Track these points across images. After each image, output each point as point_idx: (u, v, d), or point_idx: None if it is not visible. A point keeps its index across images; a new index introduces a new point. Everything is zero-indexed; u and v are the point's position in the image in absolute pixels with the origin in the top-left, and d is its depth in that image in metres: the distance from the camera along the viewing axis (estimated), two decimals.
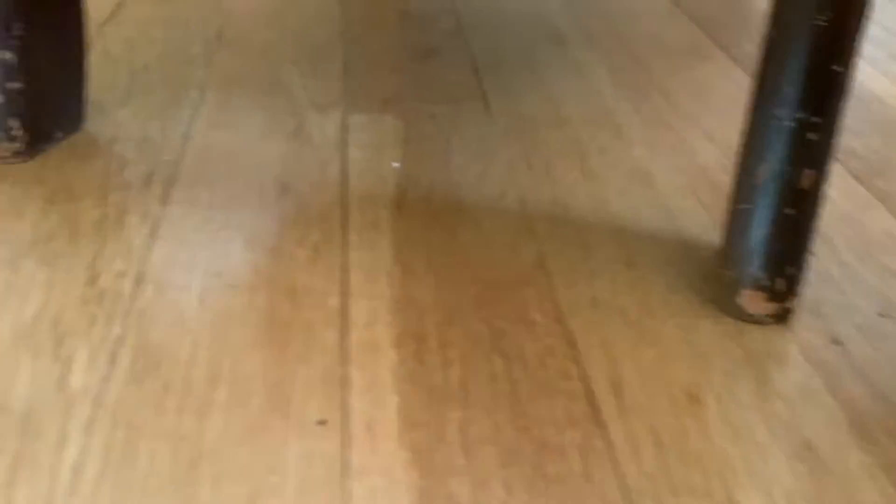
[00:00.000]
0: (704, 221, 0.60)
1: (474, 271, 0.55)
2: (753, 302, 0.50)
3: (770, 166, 0.47)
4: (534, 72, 0.83)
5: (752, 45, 0.90)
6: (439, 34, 0.92)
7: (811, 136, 0.46)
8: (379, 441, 0.42)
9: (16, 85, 0.63)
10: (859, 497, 0.40)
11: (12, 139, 0.64)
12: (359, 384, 0.46)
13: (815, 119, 0.46)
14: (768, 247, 0.48)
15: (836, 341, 0.49)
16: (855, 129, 0.72)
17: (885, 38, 0.92)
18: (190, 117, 0.74)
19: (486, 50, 0.88)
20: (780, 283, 0.49)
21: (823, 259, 0.56)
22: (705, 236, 0.59)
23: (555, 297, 0.52)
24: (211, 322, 0.50)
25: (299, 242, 0.57)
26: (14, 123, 0.64)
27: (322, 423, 0.43)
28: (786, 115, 0.46)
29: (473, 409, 0.44)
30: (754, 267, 0.49)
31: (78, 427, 0.43)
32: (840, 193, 0.64)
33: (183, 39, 0.90)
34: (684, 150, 0.69)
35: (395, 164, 0.67)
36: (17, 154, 0.65)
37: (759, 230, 0.48)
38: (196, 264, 0.55)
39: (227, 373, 0.46)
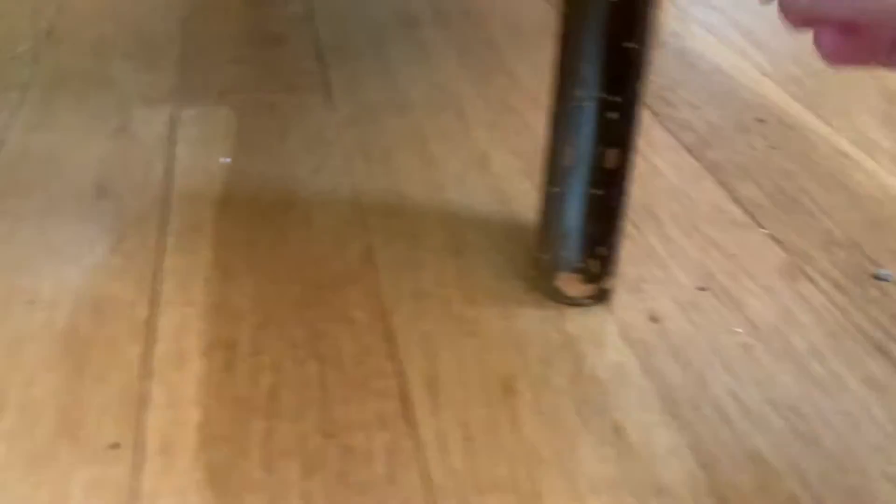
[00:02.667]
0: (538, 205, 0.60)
1: (298, 271, 0.53)
2: (570, 284, 0.49)
3: (574, 149, 0.47)
4: (381, 57, 0.81)
5: None
6: (287, 21, 0.89)
7: (611, 115, 0.46)
8: (175, 461, 0.40)
9: None
10: (665, 478, 0.40)
11: None
12: (158, 401, 0.43)
13: (614, 98, 0.45)
14: (579, 229, 0.48)
15: (654, 318, 0.49)
16: (693, 102, 0.73)
17: (728, 6, 0.93)
18: (7, 120, 0.69)
19: (335, 35, 0.86)
20: (594, 265, 0.48)
21: (648, 234, 0.57)
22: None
23: (379, 292, 0.51)
24: (2, 343, 0.46)
25: (112, 249, 0.54)
26: None
27: (114, 446, 0.41)
28: (585, 96, 0.46)
29: (280, 419, 0.42)
30: (568, 250, 0.49)
31: None
32: (671, 166, 0.64)
33: (8, 35, 0.84)
34: (526, 133, 0.69)
35: (225, 160, 0.64)
36: None
37: (569, 213, 0.48)
38: None
39: (15, 397, 0.43)
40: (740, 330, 0.48)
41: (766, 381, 0.45)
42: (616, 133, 0.46)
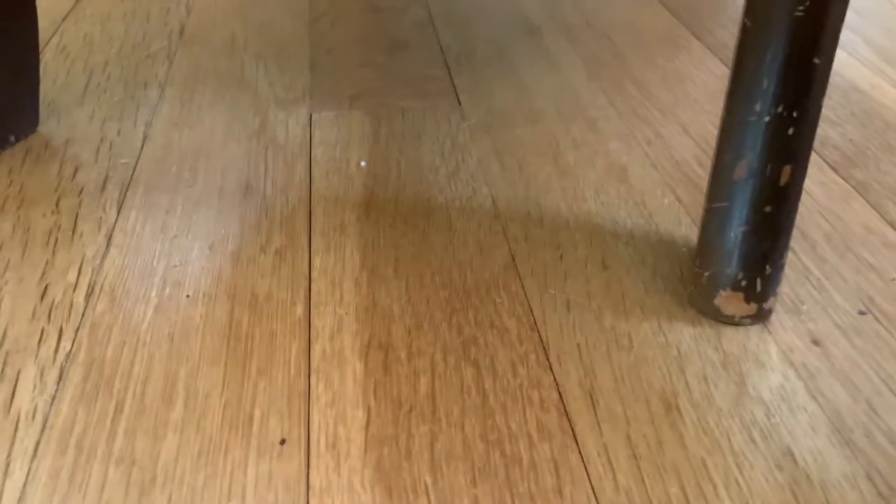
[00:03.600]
0: (681, 219, 0.59)
1: (445, 275, 0.53)
2: (731, 303, 0.48)
3: (748, 163, 0.46)
4: (506, 64, 0.81)
5: (726, 33, 0.88)
6: (409, 26, 0.90)
7: (790, 131, 0.45)
8: (342, 459, 0.40)
9: None
10: None
11: None
12: (321, 399, 0.44)
13: (793, 114, 0.44)
14: (746, 246, 0.47)
15: (816, 341, 0.48)
16: (833, 119, 0.71)
17: (860, 24, 0.90)
18: (149, 117, 0.71)
19: (458, 42, 0.86)
20: (759, 284, 0.47)
21: (802, 255, 0.55)
22: (682, 234, 0.57)
23: (527, 301, 0.51)
24: (168, 335, 0.47)
25: (262, 248, 0.55)
26: None
27: (282, 442, 0.41)
28: (763, 110, 0.44)
29: (442, 423, 0.42)
30: (731, 267, 0.47)
31: (23, 452, 0.40)
32: (817, 186, 0.62)
33: (144, 35, 0.87)
34: (660, 144, 0.67)
35: (363, 163, 0.65)
36: None
37: (736, 229, 0.47)
38: (152, 273, 0.52)
39: (183, 390, 0.44)
40: None
41: None
42: (792, 149, 0.45)
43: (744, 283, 0.47)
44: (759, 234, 0.47)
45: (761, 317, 0.49)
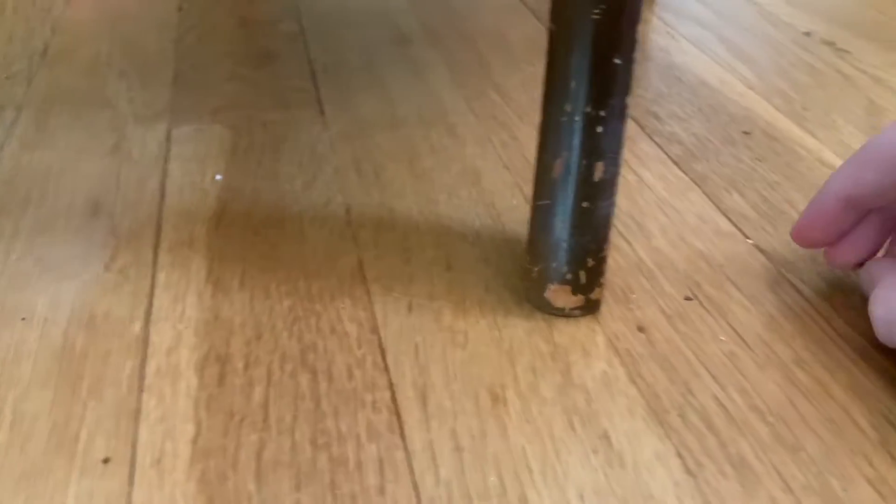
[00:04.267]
0: (527, 218, 0.60)
1: (290, 284, 0.53)
2: (559, 296, 0.50)
3: (563, 161, 0.48)
4: (373, 74, 0.82)
5: None
6: (279, 39, 0.90)
7: (598, 129, 0.47)
8: (166, 474, 0.40)
9: None
10: (652, 485, 0.40)
11: None
12: (151, 416, 0.43)
13: (600, 112, 0.46)
14: (568, 241, 0.49)
15: (641, 328, 0.50)
16: (680, 116, 0.74)
17: (716, 22, 0.95)
18: (1, 140, 0.70)
19: (327, 53, 0.87)
20: (583, 276, 0.49)
21: (637, 247, 0.57)
22: (527, 233, 0.59)
23: (370, 305, 0.52)
24: None
25: (106, 266, 0.55)
26: None
27: (106, 461, 0.41)
28: (573, 110, 0.46)
29: (272, 431, 0.43)
30: (557, 261, 0.49)
31: None
32: (658, 179, 0.65)
33: (4, 57, 0.85)
34: (515, 147, 0.69)
35: (218, 177, 0.65)
36: None
37: (558, 225, 0.49)
38: None
39: (10, 413, 0.44)
40: (725, 339, 0.49)
41: (750, 388, 0.45)
42: (603, 146, 0.47)
43: (569, 276, 0.49)
44: (580, 229, 0.49)
45: (590, 308, 0.51)
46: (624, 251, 0.57)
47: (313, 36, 0.91)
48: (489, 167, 0.67)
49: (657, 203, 0.62)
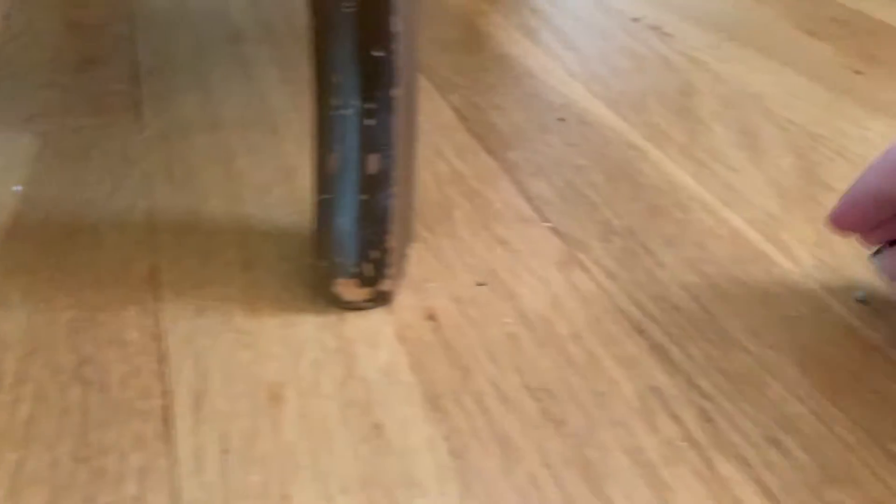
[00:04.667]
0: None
1: (76, 295, 0.52)
2: (347, 289, 0.50)
3: (338, 156, 0.48)
4: (199, 74, 0.81)
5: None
6: (107, 42, 0.87)
7: (369, 121, 0.47)
8: None
9: None
10: (417, 470, 0.41)
11: None
12: None
13: (369, 105, 0.47)
14: (351, 234, 0.49)
15: (431, 316, 0.50)
16: (500, 105, 0.76)
17: (550, 12, 0.97)
18: None
19: (154, 55, 0.85)
20: (369, 268, 0.49)
21: (439, 236, 0.58)
22: None
23: (158, 312, 0.50)
24: None
25: None
26: None
27: None
28: (342, 104, 0.47)
29: (33, 448, 0.41)
30: (342, 255, 0.49)
31: None
32: (471, 169, 0.66)
33: None
34: None
35: (17, 188, 0.62)
36: None
37: (339, 219, 0.49)
38: None
39: None
40: (509, 320, 0.50)
41: (526, 367, 0.47)
42: (375, 139, 0.47)
43: (356, 269, 0.49)
44: (361, 222, 0.49)
45: (382, 299, 0.51)
46: (426, 241, 0.57)
47: (144, 38, 0.89)
48: (305, 164, 0.66)
49: (466, 193, 0.63)
